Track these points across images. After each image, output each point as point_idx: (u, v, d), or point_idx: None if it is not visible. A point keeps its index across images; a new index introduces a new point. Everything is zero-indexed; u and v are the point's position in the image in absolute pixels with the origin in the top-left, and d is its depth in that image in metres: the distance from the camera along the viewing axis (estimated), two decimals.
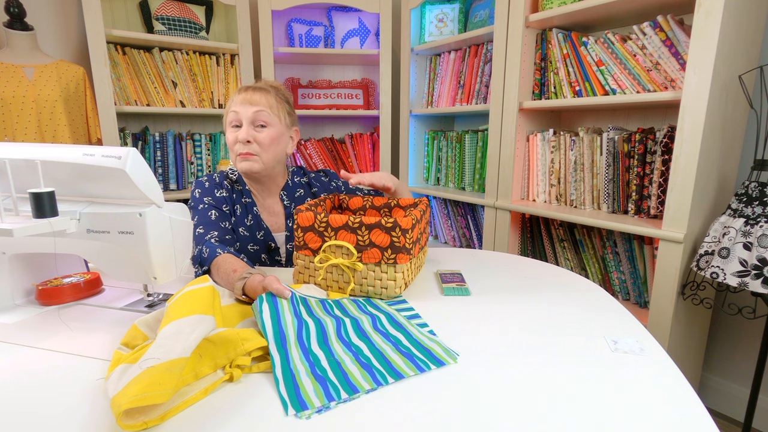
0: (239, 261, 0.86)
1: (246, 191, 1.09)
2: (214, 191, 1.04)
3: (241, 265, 0.83)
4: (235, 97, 1.03)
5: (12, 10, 1.67)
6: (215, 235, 0.96)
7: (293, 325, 0.64)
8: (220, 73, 2.11)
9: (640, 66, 1.34)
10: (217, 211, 1.01)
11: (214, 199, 1.03)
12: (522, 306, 0.79)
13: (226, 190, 1.06)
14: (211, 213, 1.00)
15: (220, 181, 1.07)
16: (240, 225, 1.06)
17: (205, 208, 1.00)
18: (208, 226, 0.97)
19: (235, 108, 1.02)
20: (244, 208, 1.08)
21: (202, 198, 1.02)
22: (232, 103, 1.03)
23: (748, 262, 1.08)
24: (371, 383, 0.53)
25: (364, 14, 2.22)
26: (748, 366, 1.51)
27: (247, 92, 1.02)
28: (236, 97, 1.03)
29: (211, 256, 0.88)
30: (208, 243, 0.92)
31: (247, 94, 1.02)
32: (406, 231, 0.77)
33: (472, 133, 1.99)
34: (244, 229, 1.06)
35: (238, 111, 1.01)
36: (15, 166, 0.68)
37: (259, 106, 1.01)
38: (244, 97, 1.02)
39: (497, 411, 0.49)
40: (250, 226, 1.07)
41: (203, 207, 1.00)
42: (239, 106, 1.01)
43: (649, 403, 0.50)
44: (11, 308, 0.77)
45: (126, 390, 0.44)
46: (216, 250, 0.89)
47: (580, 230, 1.57)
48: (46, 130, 1.74)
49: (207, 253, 0.89)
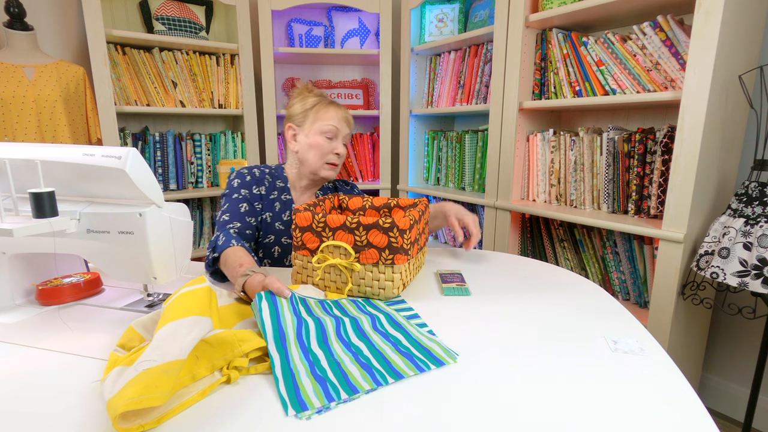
0: (248, 257, 0.87)
1: (287, 188, 1.15)
2: (252, 187, 1.09)
3: (249, 261, 0.84)
4: (334, 112, 1.12)
5: (12, 10, 1.67)
6: (237, 227, 1.01)
7: (293, 323, 0.64)
8: (220, 73, 2.11)
9: (640, 66, 1.34)
10: (248, 205, 1.06)
11: (250, 193, 1.08)
12: (522, 306, 0.79)
13: (265, 188, 1.11)
14: (242, 206, 1.05)
15: (261, 177, 1.12)
16: (277, 220, 1.10)
17: (238, 199, 1.05)
18: (234, 215, 1.02)
19: (336, 124, 1.11)
20: (284, 204, 1.13)
21: (239, 189, 1.07)
22: (330, 116, 1.11)
23: (748, 262, 1.08)
24: (371, 383, 0.53)
25: (364, 14, 2.22)
26: (748, 366, 1.51)
27: (346, 113, 1.15)
28: (334, 112, 1.12)
29: (225, 246, 0.91)
30: (226, 232, 0.96)
31: (345, 114, 1.14)
32: (403, 231, 0.77)
33: (472, 133, 1.99)
34: (280, 224, 1.11)
35: (339, 128, 1.12)
36: (15, 166, 0.68)
37: (350, 130, 1.17)
38: (344, 116, 1.14)
39: (497, 411, 0.49)
40: (286, 221, 1.12)
41: (237, 197, 1.05)
42: (341, 123, 1.12)
43: (649, 403, 0.50)
44: (11, 308, 0.77)
45: (122, 393, 0.44)
46: (231, 241, 0.92)
47: (580, 230, 1.57)
48: (46, 130, 1.74)
49: (222, 241, 0.92)
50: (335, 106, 1.13)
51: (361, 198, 1.06)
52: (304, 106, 1.13)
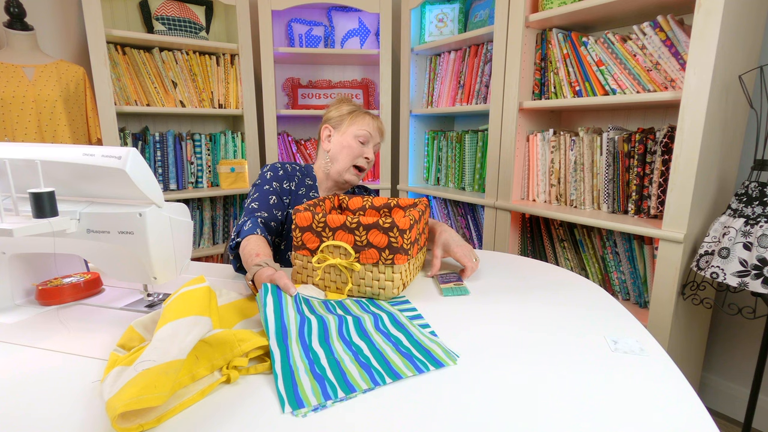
0: (267, 248, 0.89)
1: (314, 186, 1.18)
2: (284, 182, 1.11)
3: (266, 252, 0.86)
4: (369, 120, 1.16)
5: (12, 10, 1.67)
6: (264, 216, 1.03)
7: (295, 320, 0.64)
8: (220, 73, 2.11)
9: (640, 66, 1.34)
10: (277, 198, 1.08)
11: (280, 187, 1.10)
12: (522, 306, 0.79)
13: (295, 184, 1.14)
14: (272, 197, 1.07)
15: (292, 172, 1.15)
16: None
17: (269, 190, 1.08)
18: (263, 205, 1.05)
19: (371, 131, 1.16)
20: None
21: (271, 181, 1.10)
22: (366, 123, 1.16)
23: (748, 262, 1.08)
24: (369, 383, 0.53)
25: (364, 14, 2.22)
26: (748, 366, 1.51)
27: (379, 122, 1.19)
28: (370, 120, 1.17)
29: (249, 232, 0.94)
30: (254, 219, 1.00)
31: (380, 124, 1.19)
32: (403, 231, 0.77)
33: (472, 133, 1.99)
34: None
35: (372, 135, 1.16)
36: (15, 166, 0.68)
37: (381, 140, 1.21)
38: (378, 126, 1.18)
39: (496, 411, 0.49)
40: None
41: (268, 188, 1.08)
42: (374, 131, 1.17)
43: (649, 403, 0.50)
44: (11, 308, 0.77)
45: (121, 393, 0.44)
46: (256, 229, 0.95)
47: (580, 230, 1.57)
48: (46, 130, 1.74)
49: (248, 227, 0.96)
50: (371, 115, 1.18)
51: (361, 198, 1.06)
52: (340, 111, 1.18)
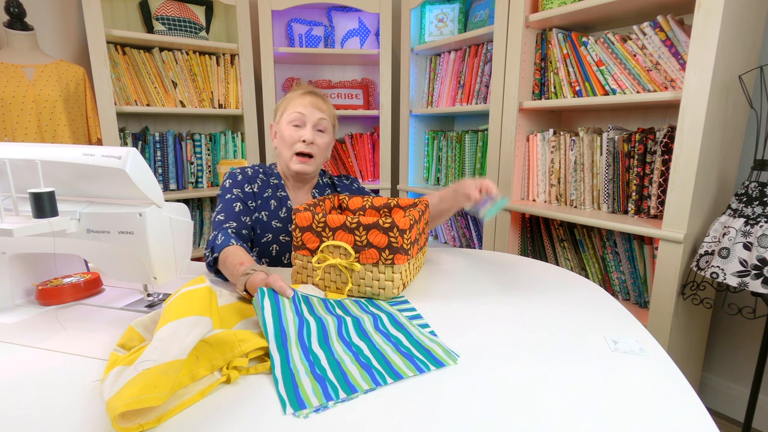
0: (248, 255, 0.87)
1: (281, 185, 1.14)
2: (245, 186, 1.08)
3: (248, 260, 0.84)
4: (301, 99, 1.07)
5: (12, 10, 1.67)
6: (233, 226, 1.00)
7: (294, 323, 0.64)
8: (220, 73, 2.11)
9: (640, 66, 1.34)
10: (241, 204, 1.05)
11: (242, 192, 1.07)
12: (522, 306, 0.79)
13: (257, 186, 1.10)
14: (236, 205, 1.04)
15: (253, 175, 1.11)
16: (274, 218, 1.09)
17: (232, 199, 1.04)
18: (229, 215, 1.02)
19: (302, 110, 1.07)
20: (279, 201, 1.12)
21: (231, 189, 1.06)
22: (296, 104, 1.07)
23: (748, 262, 1.08)
24: (370, 383, 0.53)
25: (364, 14, 2.22)
26: (748, 366, 1.51)
27: (314, 98, 1.09)
28: (301, 99, 1.07)
29: (223, 245, 0.91)
30: (224, 231, 0.96)
31: (314, 99, 1.08)
32: (403, 231, 0.77)
33: (472, 133, 1.99)
34: (277, 221, 1.09)
35: (305, 114, 1.07)
36: (15, 166, 0.68)
37: (323, 114, 1.09)
38: (311, 101, 1.08)
39: (497, 410, 0.49)
40: (283, 218, 1.11)
41: (230, 197, 1.05)
42: (307, 108, 1.07)
43: (649, 403, 0.50)
44: (11, 308, 0.77)
45: (121, 393, 0.44)
46: (230, 240, 0.92)
47: (580, 230, 1.57)
48: (46, 130, 1.74)
49: (220, 240, 0.92)
50: (303, 92, 1.09)
51: (361, 198, 1.06)
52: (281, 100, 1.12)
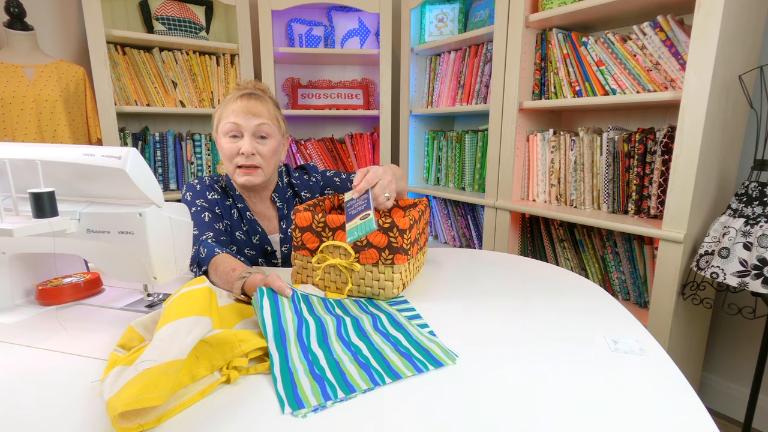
0: (237, 260, 0.86)
1: (238, 196, 1.07)
2: (206, 194, 1.03)
3: (240, 264, 0.83)
4: (233, 105, 0.96)
5: (12, 10, 1.67)
6: (210, 236, 0.95)
7: (293, 323, 0.64)
8: (220, 73, 2.11)
9: (640, 66, 1.34)
10: (210, 213, 1.00)
11: (206, 201, 1.01)
12: (522, 306, 0.79)
13: (217, 194, 1.05)
14: (205, 215, 0.99)
15: (210, 183, 1.06)
16: (236, 230, 1.05)
17: (198, 210, 0.99)
18: (202, 227, 0.96)
19: (235, 119, 0.95)
20: (239, 213, 1.07)
21: (194, 201, 1.01)
22: (229, 112, 0.96)
23: (748, 262, 1.08)
24: (368, 383, 0.53)
25: (364, 14, 2.22)
26: (748, 366, 1.51)
27: (249, 101, 0.96)
28: (234, 105, 0.96)
29: (209, 256, 0.87)
30: (205, 243, 0.91)
31: (248, 104, 0.96)
32: (403, 231, 0.77)
33: (472, 133, 1.99)
34: (240, 233, 1.06)
35: (240, 123, 0.96)
36: (15, 166, 0.68)
37: (262, 119, 0.97)
38: (245, 106, 0.95)
39: (496, 410, 0.49)
40: (246, 230, 1.06)
41: (196, 209, 0.99)
42: (240, 117, 0.95)
43: (649, 403, 0.50)
44: (11, 308, 0.77)
45: (121, 393, 0.44)
46: (214, 249, 0.88)
47: (580, 230, 1.57)
48: (46, 130, 1.74)
49: (205, 253, 0.88)
50: (240, 98, 0.96)
51: None
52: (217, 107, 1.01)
